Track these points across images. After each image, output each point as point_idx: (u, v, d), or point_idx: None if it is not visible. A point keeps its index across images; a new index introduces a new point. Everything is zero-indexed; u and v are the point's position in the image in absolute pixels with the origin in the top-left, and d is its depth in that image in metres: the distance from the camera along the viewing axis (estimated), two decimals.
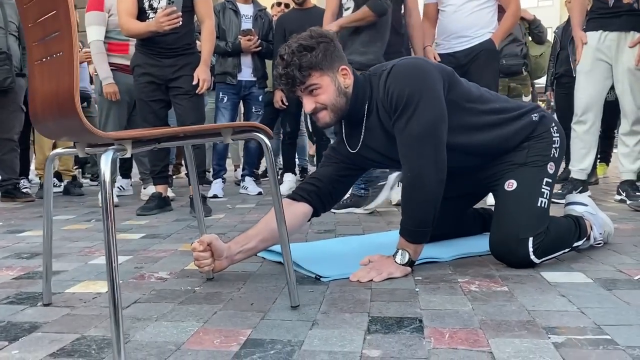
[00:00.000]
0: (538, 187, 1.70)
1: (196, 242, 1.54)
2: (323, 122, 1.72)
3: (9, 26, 3.79)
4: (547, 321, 1.21)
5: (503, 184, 1.74)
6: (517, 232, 1.64)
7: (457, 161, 1.69)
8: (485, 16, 3.14)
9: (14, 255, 2.06)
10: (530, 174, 1.73)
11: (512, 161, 1.76)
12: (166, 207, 3.26)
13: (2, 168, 3.94)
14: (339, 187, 1.82)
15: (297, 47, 1.62)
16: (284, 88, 1.72)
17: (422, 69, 1.64)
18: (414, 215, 1.61)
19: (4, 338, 1.18)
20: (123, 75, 3.66)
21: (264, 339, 1.14)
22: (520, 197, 1.69)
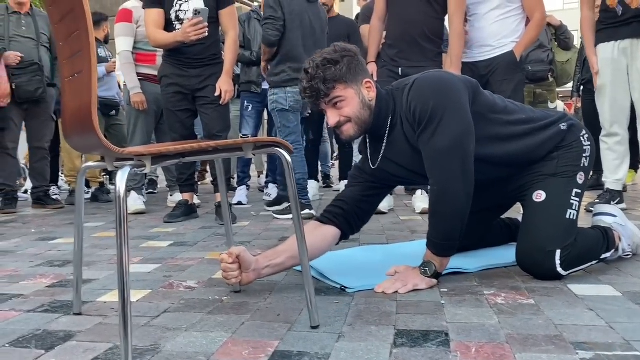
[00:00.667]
0: (567, 199, 1.69)
1: (225, 254, 1.56)
2: (347, 135, 1.73)
3: (40, 38, 3.90)
4: (575, 336, 1.20)
5: (531, 195, 1.73)
6: (544, 245, 1.63)
7: (484, 173, 1.69)
8: (510, 25, 3.11)
9: (47, 263, 2.12)
10: (559, 185, 1.71)
11: (541, 172, 1.75)
12: (192, 214, 3.31)
13: (34, 176, 4.05)
14: (365, 208, 1.82)
15: (321, 60, 1.64)
16: (308, 101, 1.73)
17: (446, 81, 1.64)
18: (441, 228, 1.61)
19: (40, 347, 1.22)
20: (151, 85, 3.72)
21: (292, 351, 1.16)
22: (549, 209, 1.68)
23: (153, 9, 3.08)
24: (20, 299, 1.62)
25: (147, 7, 3.11)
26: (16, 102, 3.72)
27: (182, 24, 3.06)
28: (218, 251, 2.27)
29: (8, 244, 2.59)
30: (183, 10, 3.08)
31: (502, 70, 3.09)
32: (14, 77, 3.67)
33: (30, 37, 3.84)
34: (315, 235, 1.72)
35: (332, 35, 3.95)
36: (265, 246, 2.35)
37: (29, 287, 1.76)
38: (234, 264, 1.55)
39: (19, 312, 1.49)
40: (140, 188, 3.83)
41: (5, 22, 3.75)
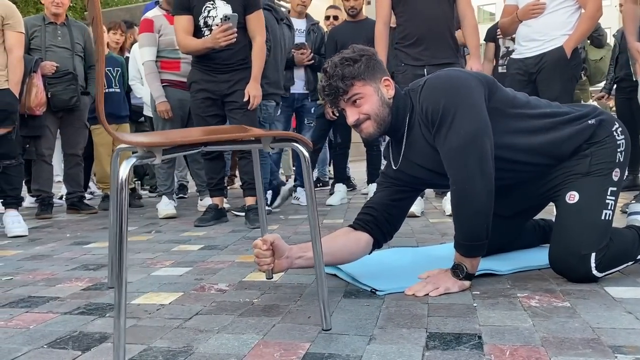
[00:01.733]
0: (602, 199, 1.64)
1: (259, 240, 1.56)
2: (367, 133, 1.72)
3: (75, 47, 4.00)
4: (614, 339, 1.17)
5: (564, 196, 1.68)
6: (578, 249, 1.59)
7: (511, 171, 1.67)
8: (561, 17, 3.01)
9: (82, 267, 2.17)
10: (593, 184, 1.66)
11: (573, 171, 1.69)
12: (222, 218, 3.35)
13: (68, 182, 4.14)
14: (395, 213, 1.80)
15: (339, 60, 1.66)
16: (327, 100, 1.74)
17: (456, 79, 1.62)
18: (465, 229, 1.59)
19: (77, 348, 1.25)
20: (175, 91, 3.73)
21: (323, 353, 1.16)
22: (583, 211, 1.63)
23: (182, 16, 3.13)
24: (57, 301, 1.66)
25: (176, 14, 3.17)
26: (51, 110, 3.81)
27: (210, 30, 3.10)
28: (248, 254, 2.29)
29: (44, 248, 2.65)
30: (211, 17, 3.12)
31: (551, 67, 3.00)
32: (50, 86, 3.76)
33: (65, 47, 3.94)
34: (349, 239, 1.73)
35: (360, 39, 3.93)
36: None
37: (65, 289, 1.80)
38: (268, 250, 1.55)
39: (56, 314, 1.53)
40: (170, 193, 3.88)
41: (42, 32, 3.86)
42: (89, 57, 4.15)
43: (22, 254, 2.50)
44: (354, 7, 4.04)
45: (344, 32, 4.07)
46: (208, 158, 3.35)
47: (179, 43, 3.21)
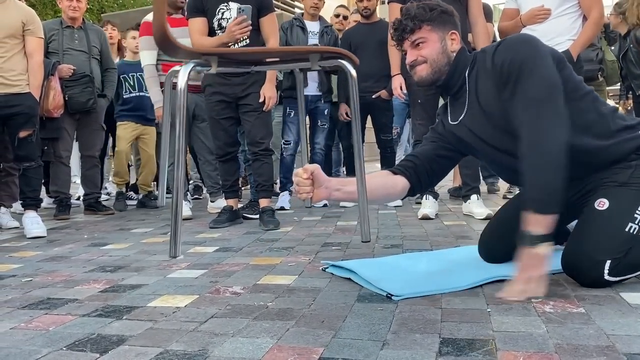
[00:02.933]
0: (632, 211, 1.59)
1: (300, 170, 1.63)
2: (419, 76, 1.80)
3: (92, 50, 4.06)
4: (629, 347, 1.16)
5: (594, 202, 1.65)
6: (594, 254, 1.57)
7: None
8: (566, 22, 3.02)
9: (99, 269, 2.20)
10: (626, 196, 1.62)
11: (610, 179, 1.66)
12: (237, 220, 3.37)
13: (85, 183, 4.20)
14: (435, 168, 1.86)
15: (418, 3, 1.77)
16: (393, 36, 1.83)
17: (534, 40, 1.66)
18: (540, 181, 1.54)
19: (95, 350, 1.27)
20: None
21: (337, 358, 1.17)
22: (609, 218, 1.60)
23: (197, 18, 3.17)
24: (75, 303, 1.69)
25: (190, 17, 3.20)
26: (69, 113, 3.87)
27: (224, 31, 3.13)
28: (263, 256, 2.30)
29: (62, 249, 2.70)
30: (225, 18, 3.15)
31: None
32: (67, 88, 3.82)
33: (82, 50, 4.00)
34: (387, 180, 1.81)
35: (374, 40, 3.96)
36: (309, 252, 2.37)
37: (83, 291, 1.84)
38: (308, 179, 1.61)
39: (75, 316, 1.55)
40: (184, 194, 3.92)
41: (59, 36, 3.92)
42: (106, 60, 4.21)
43: (41, 255, 2.55)
44: (367, 8, 4.05)
45: (357, 34, 4.08)
46: (222, 160, 3.38)
47: (193, 44, 3.23)
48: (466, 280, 1.71)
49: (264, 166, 3.30)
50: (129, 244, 2.77)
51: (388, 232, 2.86)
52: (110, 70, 4.26)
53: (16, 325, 1.49)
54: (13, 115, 3.19)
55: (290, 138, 4.17)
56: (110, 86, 4.24)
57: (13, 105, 3.16)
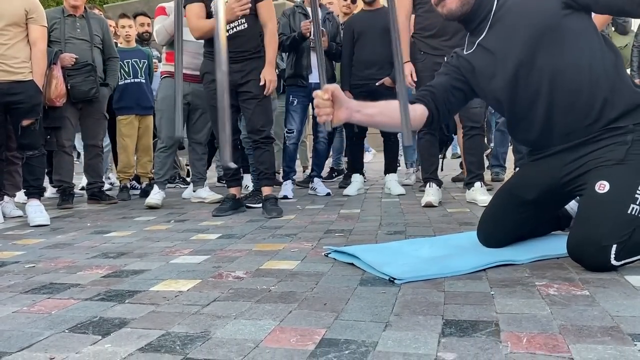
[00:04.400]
0: (632, 192, 1.58)
1: (319, 91, 1.60)
2: (448, 8, 1.82)
3: (94, 39, 4.04)
4: (633, 327, 1.15)
5: (594, 184, 1.62)
6: (599, 239, 1.56)
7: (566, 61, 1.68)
8: None
9: (102, 255, 2.20)
10: (626, 176, 1.60)
11: (606, 157, 1.64)
12: (240, 208, 3.37)
13: (89, 172, 4.20)
14: (452, 99, 1.86)
15: None
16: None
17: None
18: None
19: (97, 332, 1.27)
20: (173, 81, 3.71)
21: (339, 339, 1.16)
22: (611, 202, 1.58)
23: (194, 4, 3.18)
24: (78, 288, 1.69)
25: (188, 2, 3.20)
26: (71, 102, 3.86)
27: None
28: (265, 243, 2.30)
29: (66, 237, 2.70)
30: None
31: None
32: (69, 77, 3.81)
33: (84, 39, 3.98)
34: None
35: (377, 28, 3.93)
36: (312, 238, 2.36)
37: (86, 277, 1.84)
38: (328, 100, 1.59)
39: (77, 300, 1.55)
40: (163, 183, 3.85)
41: (61, 24, 3.90)
42: (108, 49, 4.19)
43: (44, 243, 2.55)
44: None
45: (361, 21, 4.05)
46: None
47: (191, 28, 3.22)
48: (469, 265, 1.70)
49: (265, 154, 3.29)
50: (132, 232, 2.77)
51: (391, 219, 2.85)
52: (113, 59, 4.24)
53: (19, 308, 1.49)
54: (15, 102, 3.18)
55: (294, 126, 4.15)
56: (113, 75, 4.23)
57: (15, 92, 3.16)
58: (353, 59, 4.04)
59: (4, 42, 3.11)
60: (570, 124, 1.71)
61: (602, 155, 1.66)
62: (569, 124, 1.72)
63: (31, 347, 1.20)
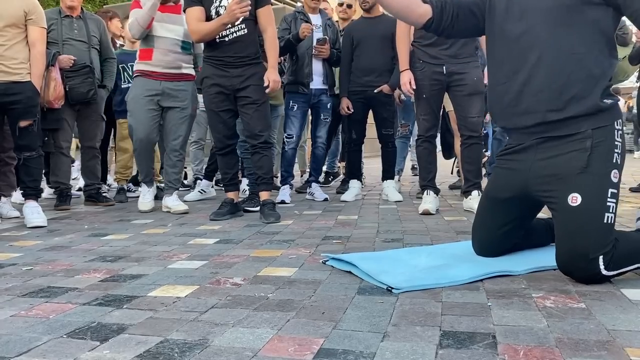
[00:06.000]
0: (604, 201, 1.61)
1: None
2: None
3: (91, 40, 4.03)
4: (629, 342, 1.17)
5: (566, 197, 1.64)
6: (586, 251, 1.58)
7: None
8: None
9: (99, 259, 2.20)
10: (594, 185, 1.63)
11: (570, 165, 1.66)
12: (237, 212, 3.37)
13: (86, 174, 4.19)
14: (462, 17, 1.90)
15: None
16: None
17: None
18: None
19: (95, 338, 1.27)
20: (146, 81, 3.58)
21: (337, 349, 1.17)
22: (586, 214, 1.61)
23: (194, 7, 3.18)
24: (75, 292, 1.69)
25: (188, 6, 3.21)
26: (69, 103, 3.85)
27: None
28: (263, 249, 2.30)
29: (63, 239, 2.70)
30: (223, 6, 3.16)
31: None
32: (67, 79, 3.80)
33: (82, 40, 3.97)
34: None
35: (377, 35, 3.95)
36: (309, 245, 2.37)
37: (84, 280, 1.84)
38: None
39: (75, 304, 1.55)
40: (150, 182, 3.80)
41: (58, 26, 3.90)
42: (105, 50, 4.19)
43: (41, 245, 2.55)
44: (365, 1, 4.03)
45: (360, 28, 4.06)
46: (221, 153, 3.37)
47: (192, 32, 3.22)
48: (466, 275, 1.71)
49: (264, 159, 3.30)
50: (130, 235, 2.77)
51: (389, 226, 2.86)
52: (110, 60, 4.23)
53: (16, 312, 1.49)
54: (13, 103, 3.18)
55: (293, 132, 4.16)
56: (110, 76, 4.22)
57: (13, 93, 3.15)
58: (352, 65, 4.05)
59: (2, 42, 3.11)
60: (536, 104, 1.74)
61: (566, 164, 1.68)
62: (535, 102, 1.74)
63: (29, 352, 1.20)
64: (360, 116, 4.15)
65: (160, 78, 3.59)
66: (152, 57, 3.58)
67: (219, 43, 3.20)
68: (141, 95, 3.58)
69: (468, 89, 3.26)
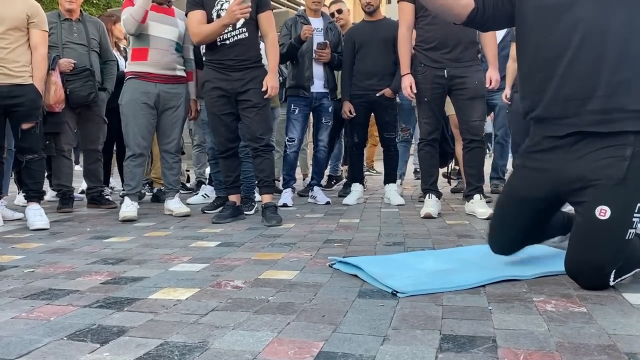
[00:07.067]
0: (630, 217, 1.55)
1: None
2: None
3: (91, 43, 4.04)
4: (630, 346, 1.16)
5: (594, 208, 1.57)
6: (601, 265, 1.56)
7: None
8: None
9: (101, 261, 2.20)
10: (626, 199, 1.55)
11: (606, 174, 1.57)
12: (239, 215, 3.37)
13: (89, 177, 4.20)
14: (499, 6, 1.84)
15: None
16: None
17: None
18: None
19: (96, 340, 1.28)
20: (141, 83, 3.53)
21: (337, 352, 1.17)
22: (611, 230, 1.55)
23: (196, 11, 3.21)
24: (76, 294, 1.70)
25: (189, 9, 3.23)
26: (69, 107, 3.86)
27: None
28: (264, 252, 2.30)
29: (65, 241, 2.70)
30: (224, 9, 3.17)
31: None
32: (68, 82, 3.80)
33: (81, 44, 3.98)
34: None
35: (379, 38, 3.95)
36: (311, 248, 2.37)
37: (85, 283, 1.84)
38: None
39: (76, 307, 1.56)
40: (134, 194, 3.60)
41: (57, 29, 3.90)
42: (105, 53, 4.19)
43: (43, 247, 2.55)
44: (370, 4, 4.03)
45: (362, 32, 4.07)
46: (223, 156, 3.37)
47: (193, 35, 3.23)
48: (472, 280, 1.70)
49: (265, 162, 3.30)
50: (132, 237, 2.77)
51: (390, 230, 2.85)
52: (110, 63, 4.24)
53: (17, 314, 1.49)
54: (15, 106, 3.19)
55: (295, 135, 4.16)
56: (110, 79, 4.23)
57: (15, 96, 3.17)
58: (353, 69, 4.06)
59: (5, 46, 3.13)
60: (581, 90, 1.63)
61: (601, 170, 1.59)
62: (580, 88, 1.63)
63: (30, 354, 1.20)
64: (362, 120, 4.15)
65: (155, 80, 3.55)
66: (147, 57, 3.54)
67: (220, 46, 3.21)
68: (138, 100, 3.52)
69: (470, 93, 3.26)
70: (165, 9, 3.63)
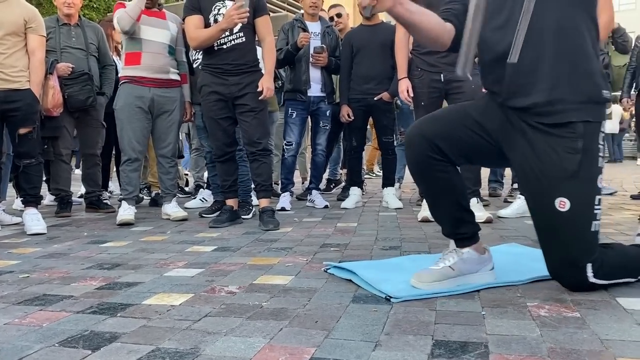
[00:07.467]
0: (591, 209, 1.58)
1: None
2: None
3: (89, 48, 4.05)
4: (622, 352, 1.16)
5: (553, 200, 1.58)
6: (574, 260, 1.57)
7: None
8: None
9: (97, 266, 2.20)
10: (583, 192, 1.58)
11: (559, 166, 1.58)
12: (237, 220, 3.37)
13: (87, 181, 4.21)
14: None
15: None
16: None
17: None
18: None
19: (87, 347, 1.27)
20: (135, 88, 3.53)
21: (328, 358, 1.17)
22: (575, 221, 1.57)
23: (193, 15, 3.23)
24: (70, 300, 1.69)
25: (186, 14, 3.25)
26: (68, 111, 3.87)
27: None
28: (260, 257, 2.30)
29: (62, 246, 2.70)
30: (221, 14, 3.18)
31: None
32: (66, 87, 3.81)
33: (80, 48, 3.99)
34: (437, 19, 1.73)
35: (376, 42, 3.96)
36: (307, 252, 2.36)
37: (79, 288, 1.84)
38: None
39: (69, 312, 1.55)
40: (131, 199, 3.59)
41: (56, 34, 3.91)
42: (103, 57, 4.20)
43: (39, 252, 2.55)
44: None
45: (360, 36, 4.08)
46: (221, 160, 3.38)
47: (190, 40, 3.24)
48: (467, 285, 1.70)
49: (263, 166, 3.30)
50: (128, 242, 2.77)
51: (387, 234, 2.85)
52: (108, 67, 4.25)
53: (10, 320, 1.49)
54: (13, 110, 3.19)
55: (292, 139, 4.17)
56: (109, 83, 4.23)
57: (13, 100, 3.17)
58: (351, 73, 4.06)
59: (2, 51, 3.13)
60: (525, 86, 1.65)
61: (554, 164, 1.60)
62: (524, 84, 1.65)
63: None
64: (360, 123, 4.16)
65: (149, 84, 3.55)
66: (140, 61, 3.55)
67: (218, 51, 3.22)
68: (132, 104, 3.52)
69: (466, 97, 3.26)
70: (156, 12, 3.64)
